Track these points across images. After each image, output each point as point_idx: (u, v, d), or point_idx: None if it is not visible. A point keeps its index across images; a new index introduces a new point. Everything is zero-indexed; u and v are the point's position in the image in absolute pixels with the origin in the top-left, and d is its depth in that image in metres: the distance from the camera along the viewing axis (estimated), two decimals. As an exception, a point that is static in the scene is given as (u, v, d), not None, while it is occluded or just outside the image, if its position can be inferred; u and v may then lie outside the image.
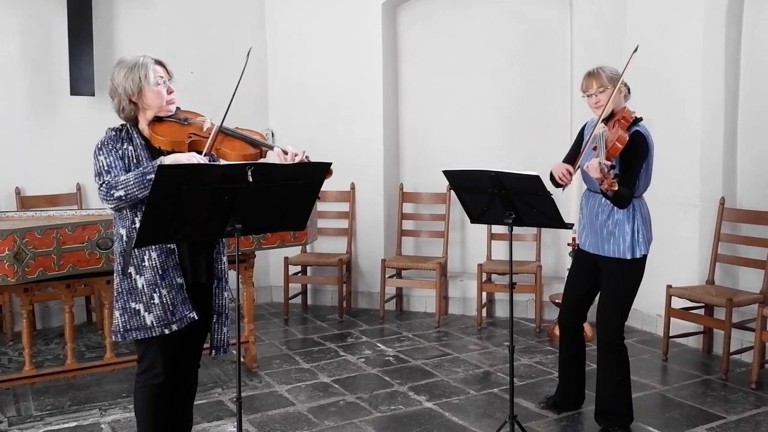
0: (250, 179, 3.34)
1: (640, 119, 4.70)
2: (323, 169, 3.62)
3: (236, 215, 3.44)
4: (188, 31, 8.20)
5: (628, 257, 4.68)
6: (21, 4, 7.46)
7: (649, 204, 6.88)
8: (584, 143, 4.83)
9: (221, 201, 3.35)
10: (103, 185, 3.62)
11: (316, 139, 8.26)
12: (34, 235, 4.81)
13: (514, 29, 8.09)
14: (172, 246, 3.73)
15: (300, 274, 8.31)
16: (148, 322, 3.70)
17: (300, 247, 8.12)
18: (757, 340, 5.68)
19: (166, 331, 3.72)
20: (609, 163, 4.37)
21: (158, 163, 3.51)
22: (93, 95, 7.60)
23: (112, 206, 3.67)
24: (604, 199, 4.67)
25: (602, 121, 4.66)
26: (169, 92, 3.85)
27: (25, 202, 7.41)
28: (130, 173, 3.61)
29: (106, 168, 3.68)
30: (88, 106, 7.69)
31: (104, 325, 5.63)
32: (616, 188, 4.32)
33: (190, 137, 3.77)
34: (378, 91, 8.31)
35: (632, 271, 4.75)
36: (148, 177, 3.51)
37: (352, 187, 8.38)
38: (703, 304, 6.35)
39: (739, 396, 5.52)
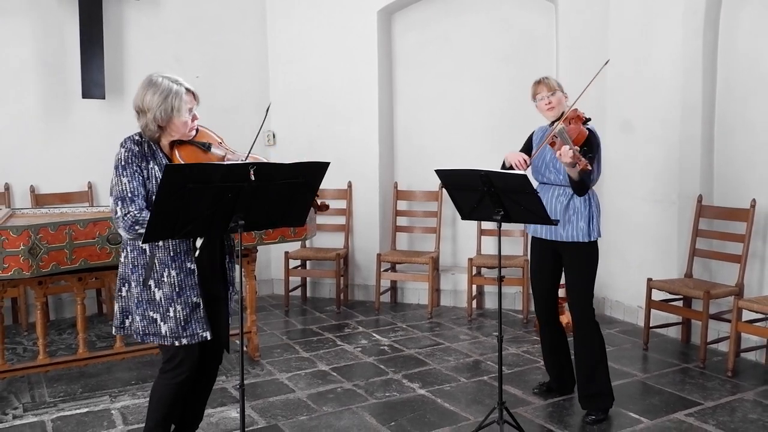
0: (253, 178, 3.34)
1: (589, 119, 4.79)
2: (322, 169, 3.63)
3: (239, 212, 3.44)
4: (194, 37, 8.19)
5: (586, 240, 4.79)
6: (35, 11, 7.44)
7: (630, 201, 6.93)
8: (537, 144, 5.02)
9: (225, 199, 3.35)
10: (128, 216, 3.52)
11: (316, 140, 8.27)
12: (47, 231, 4.80)
13: (503, 36, 8.09)
14: (192, 266, 3.73)
15: (300, 268, 8.31)
16: (163, 331, 3.72)
17: (300, 243, 8.14)
18: (732, 330, 5.69)
19: (176, 343, 3.73)
20: (577, 147, 4.47)
21: None
22: (104, 98, 7.60)
23: (130, 237, 3.60)
24: (560, 189, 4.83)
25: (555, 122, 4.81)
26: (194, 119, 3.79)
27: (39, 200, 7.39)
28: None
29: (130, 195, 3.55)
30: (99, 109, 7.69)
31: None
32: (590, 167, 4.45)
33: None
34: (374, 94, 8.31)
35: (591, 252, 4.86)
36: None
37: (349, 185, 8.37)
38: (681, 297, 6.35)
39: (715, 383, 5.52)
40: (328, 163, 3.63)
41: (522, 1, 8.02)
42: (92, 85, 7.52)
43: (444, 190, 7.19)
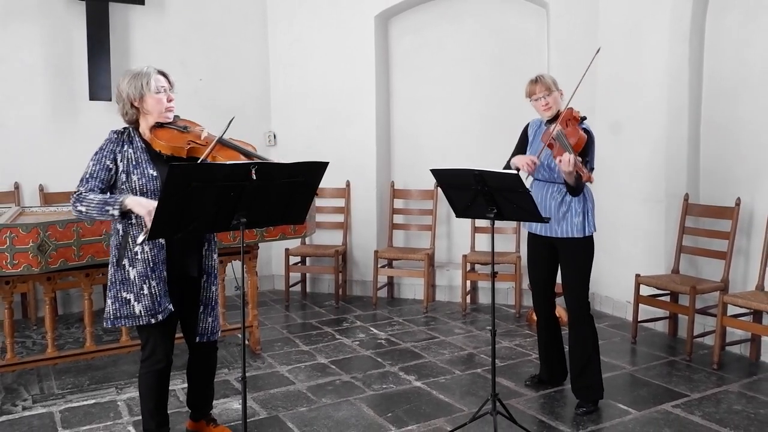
0: (254, 177, 3.33)
1: (585, 118, 4.75)
2: (321, 168, 3.62)
3: (241, 210, 3.43)
4: (197, 42, 8.18)
5: (581, 236, 4.76)
6: (44, 16, 7.43)
7: (619, 199, 6.92)
8: (531, 141, 5.00)
9: (228, 197, 3.35)
10: (75, 193, 3.70)
11: (315, 141, 8.27)
12: (56, 229, 4.79)
13: (496, 40, 8.08)
14: (163, 242, 3.75)
15: (299, 264, 8.29)
16: (137, 311, 3.73)
17: (299, 240, 8.13)
18: (718, 324, 5.69)
19: (153, 321, 3.75)
20: (579, 159, 4.43)
21: (121, 199, 3.61)
22: (110, 100, 7.56)
23: (74, 215, 3.74)
24: (554, 186, 4.81)
25: (550, 121, 4.78)
26: (169, 100, 3.86)
27: (48, 198, 7.38)
28: (99, 195, 3.66)
29: (87, 176, 3.74)
30: (106, 111, 7.66)
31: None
32: (593, 180, 4.44)
33: (189, 144, 3.79)
34: (371, 96, 8.30)
35: (587, 247, 4.83)
36: (106, 207, 3.61)
37: (348, 184, 8.37)
38: (668, 292, 6.36)
39: (701, 376, 5.52)
40: (327, 163, 3.63)
41: (514, 7, 8.01)
42: (99, 88, 7.52)
43: (439, 188, 7.19)
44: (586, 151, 4.62)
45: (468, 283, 7.75)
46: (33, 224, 4.72)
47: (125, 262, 3.73)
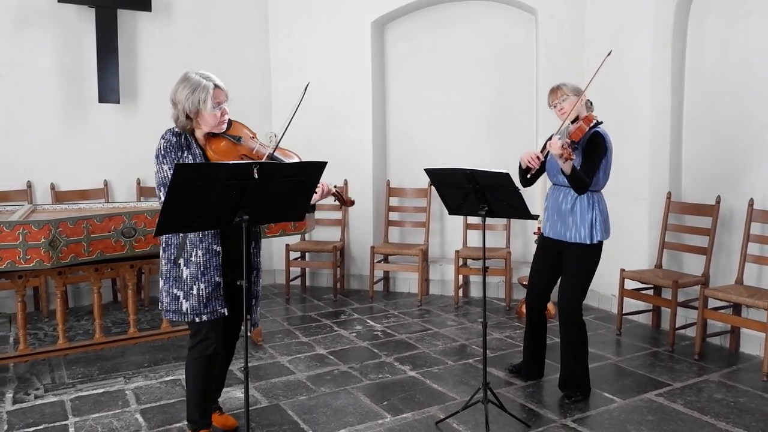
0: (256, 176, 3.32)
1: (601, 122, 4.71)
2: (320, 167, 3.61)
3: (244, 208, 3.42)
4: (202, 47, 8.16)
5: (587, 242, 4.71)
6: (56, 23, 7.42)
7: (605, 197, 6.91)
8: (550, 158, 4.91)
9: (231, 195, 3.33)
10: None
11: (314, 141, 8.24)
12: (66, 225, 4.78)
13: (487, 46, 8.07)
14: (218, 249, 3.80)
15: (299, 259, 8.30)
16: (184, 309, 3.79)
17: (299, 236, 8.11)
18: (699, 317, 5.69)
19: (197, 320, 3.80)
20: (569, 141, 4.43)
21: None
22: (118, 102, 7.59)
23: None
24: (567, 191, 4.74)
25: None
26: (223, 113, 3.84)
27: (59, 196, 7.37)
28: None
29: (167, 181, 3.63)
30: (114, 112, 7.67)
31: (128, 304, 5.62)
32: (573, 157, 4.40)
33: (242, 158, 3.80)
34: (368, 99, 8.29)
35: (591, 254, 4.77)
36: None
37: (345, 183, 8.35)
38: (652, 286, 6.36)
39: (683, 366, 5.53)
40: (325, 163, 3.62)
41: (504, 13, 8.00)
42: (108, 91, 7.52)
43: (433, 187, 7.18)
44: (589, 152, 4.64)
45: (460, 277, 7.74)
46: (45, 221, 4.71)
47: (181, 261, 3.77)
